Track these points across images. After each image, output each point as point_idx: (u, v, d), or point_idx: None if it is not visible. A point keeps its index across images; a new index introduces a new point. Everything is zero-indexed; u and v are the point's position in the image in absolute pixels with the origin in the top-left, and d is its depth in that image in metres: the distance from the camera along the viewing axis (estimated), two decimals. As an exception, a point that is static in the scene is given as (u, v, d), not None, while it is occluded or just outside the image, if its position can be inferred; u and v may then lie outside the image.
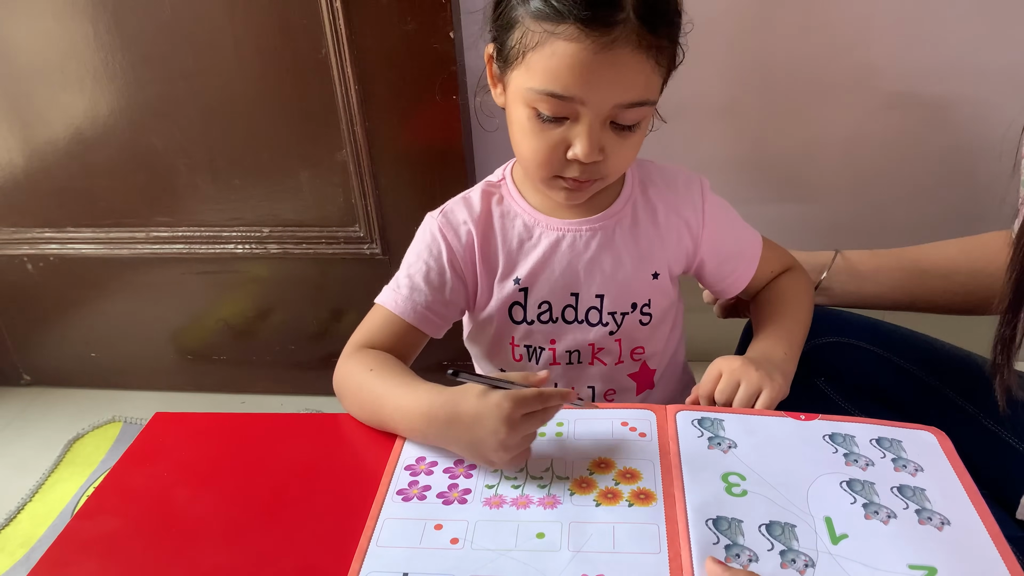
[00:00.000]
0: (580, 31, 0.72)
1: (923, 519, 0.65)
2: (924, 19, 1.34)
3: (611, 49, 0.72)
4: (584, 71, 0.73)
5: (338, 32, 1.33)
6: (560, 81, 0.74)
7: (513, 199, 0.93)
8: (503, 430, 0.69)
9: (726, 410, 0.78)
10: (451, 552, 0.65)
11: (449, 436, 0.74)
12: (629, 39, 0.72)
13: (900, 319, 1.04)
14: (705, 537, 0.63)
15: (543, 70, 0.75)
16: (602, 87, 0.75)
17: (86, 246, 1.64)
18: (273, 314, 1.70)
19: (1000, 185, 0.99)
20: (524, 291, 0.92)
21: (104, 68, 1.43)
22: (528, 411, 0.70)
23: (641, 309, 0.93)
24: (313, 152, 1.47)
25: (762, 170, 1.55)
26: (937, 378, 0.97)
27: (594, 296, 0.92)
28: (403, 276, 0.93)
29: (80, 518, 0.74)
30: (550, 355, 0.96)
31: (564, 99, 0.75)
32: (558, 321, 0.94)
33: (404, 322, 0.91)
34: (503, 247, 0.92)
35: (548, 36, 0.73)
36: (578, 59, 0.73)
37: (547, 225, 0.91)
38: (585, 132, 0.77)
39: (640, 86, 0.76)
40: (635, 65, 0.74)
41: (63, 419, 1.75)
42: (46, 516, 1.48)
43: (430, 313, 0.92)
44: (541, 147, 0.80)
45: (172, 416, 0.87)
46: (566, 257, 0.91)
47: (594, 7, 0.71)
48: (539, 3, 0.73)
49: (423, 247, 0.93)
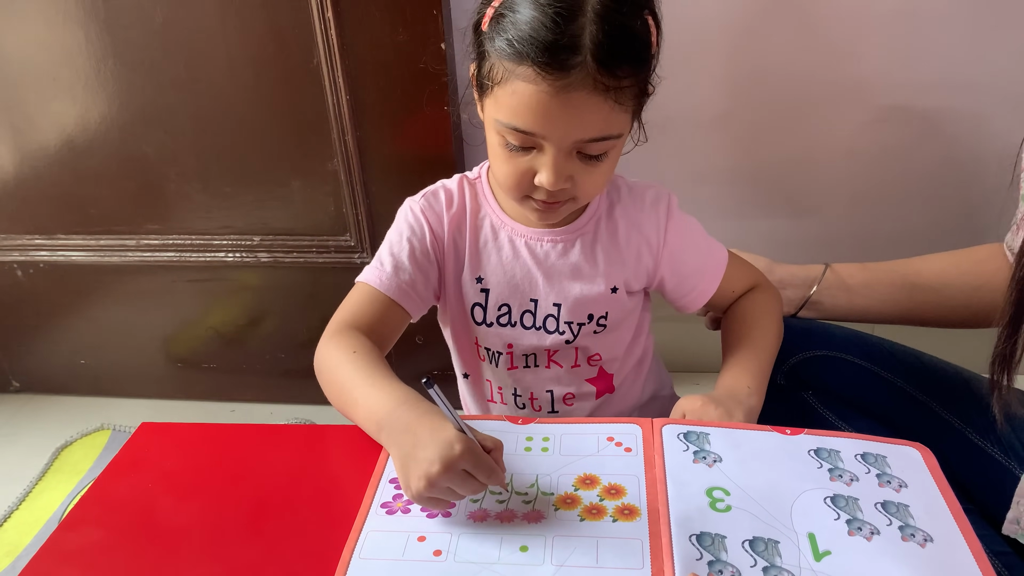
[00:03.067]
0: (537, 73, 0.73)
1: (906, 536, 0.65)
2: (917, 32, 1.35)
3: (567, 92, 0.73)
4: (542, 111, 0.75)
5: (330, 42, 1.33)
6: (520, 118, 0.76)
7: (486, 199, 0.95)
8: (437, 466, 0.66)
9: (712, 424, 0.78)
10: (434, 564, 0.65)
11: (394, 441, 0.73)
12: (585, 82, 0.73)
13: (889, 333, 1.04)
14: (688, 553, 0.63)
15: (507, 105, 0.77)
16: (560, 126, 0.76)
17: (76, 253, 1.64)
18: (264, 322, 1.70)
19: (994, 198, 0.99)
20: (485, 292, 0.94)
21: (96, 76, 1.43)
22: (471, 469, 0.67)
23: (598, 320, 0.94)
24: (304, 161, 1.47)
25: (755, 182, 1.55)
26: (924, 392, 0.97)
27: (552, 304, 0.93)
28: (386, 255, 0.94)
29: (64, 529, 0.74)
30: (507, 359, 0.97)
31: (526, 134, 0.77)
32: (516, 325, 0.95)
33: (388, 299, 0.92)
34: (470, 244, 0.94)
35: (510, 75, 0.75)
36: (536, 99, 0.74)
37: (513, 230, 0.93)
38: (550, 163, 0.78)
39: (599, 124, 0.77)
40: (592, 106, 0.75)
41: (52, 426, 1.74)
42: (33, 524, 1.47)
43: (413, 292, 0.93)
44: (511, 172, 0.82)
45: (158, 426, 0.87)
46: (527, 263, 0.93)
47: (550, 51, 0.72)
48: (502, 42, 0.75)
49: (404, 227, 0.94)
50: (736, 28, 1.38)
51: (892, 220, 1.54)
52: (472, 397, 1.06)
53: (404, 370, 1.65)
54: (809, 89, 1.42)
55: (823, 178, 1.52)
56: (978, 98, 1.39)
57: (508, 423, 0.81)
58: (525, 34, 0.73)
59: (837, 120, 1.45)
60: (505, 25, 0.74)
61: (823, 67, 1.40)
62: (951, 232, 1.44)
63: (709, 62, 1.41)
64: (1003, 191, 0.99)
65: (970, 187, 1.48)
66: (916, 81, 1.39)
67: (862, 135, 1.46)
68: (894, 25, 1.35)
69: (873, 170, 1.49)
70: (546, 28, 0.72)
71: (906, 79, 1.39)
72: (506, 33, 0.74)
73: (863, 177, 1.50)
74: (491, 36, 0.76)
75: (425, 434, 0.69)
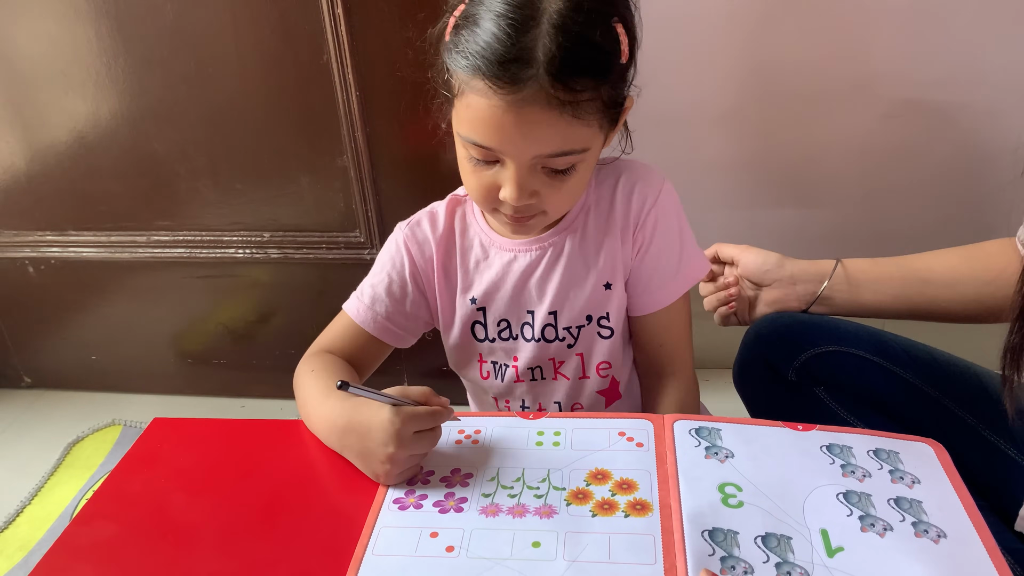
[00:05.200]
0: (489, 87, 0.71)
1: (919, 532, 0.64)
2: (928, 26, 1.34)
3: (520, 106, 0.71)
4: (496, 125, 0.73)
5: (340, 38, 1.33)
6: (477, 132, 0.75)
7: (474, 217, 0.93)
8: (392, 444, 0.71)
9: (724, 419, 0.78)
10: (446, 560, 0.65)
11: (344, 444, 0.77)
12: (538, 96, 0.70)
13: (900, 328, 1.04)
14: (701, 548, 0.63)
15: (465, 119, 0.75)
16: (515, 141, 0.74)
17: (87, 249, 1.64)
18: (273, 318, 1.70)
19: (1005, 193, 0.98)
20: (482, 310, 0.93)
21: (106, 72, 1.43)
22: (419, 428, 0.73)
23: (599, 321, 0.92)
24: (314, 157, 1.48)
25: (766, 176, 1.54)
26: (937, 388, 0.96)
27: (547, 313, 0.91)
28: (367, 286, 0.95)
29: (77, 523, 0.74)
30: (513, 372, 0.95)
31: (485, 148, 0.75)
32: (518, 338, 0.94)
33: (364, 332, 0.93)
34: (461, 265, 0.93)
35: (466, 87, 0.73)
36: (489, 114, 0.72)
37: (500, 245, 0.91)
38: (512, 178, 0.76)
39: (557, 140, 0.74)
40: (548, 121, 0.72)
41: (63, 422, 1.75)
42: (45, 519, 1.48)
43: (391, 324, 0.93)
44: (477, 185, 0.80)
45: (170, 422, 0.87)
46: (518, 277, 0.91)
47: (501, 64, 0.70)
48: (457, 55, 0.73)
49: (387, 259, 0.94)
50: (747, 22, 1.38)
51: (903, 215, 1.53)
52: (480, 409, 1.05)
53: (412, 367, 1.66)
54: (820, 84, 1.41)
55: (834, 173, 1.51)
56: (990, 93, 1.38)
57: (519, 418, 0.81)
58: (479, 47, 0.70)
59: (848, 115, 1.44)
60: (462, 36, 0.72)
61: (834, 62, 1.39)
62: (962, 227, 1.44)
63: (720, 56, 1.41)
64: (1015, 186, 0.99)
65: (981, 182, 1.47)
66: (928, 76, 1.39)
67: (873, 130, 1.45)
68: (906, 20, 1.34)
69: (884, 165, 1.49)
70: (498, 40, 0.70)
71: (918, 74, 1.39)
72: (462, 45, 0.72)
73: (874, 172, 1.50)
74: (450, 47, 0.74)
75: (364, 425, 0.73)
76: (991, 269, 0.96)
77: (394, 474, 0.73)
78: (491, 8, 0.71)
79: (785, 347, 1.00)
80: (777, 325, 1.02)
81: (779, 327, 1.01)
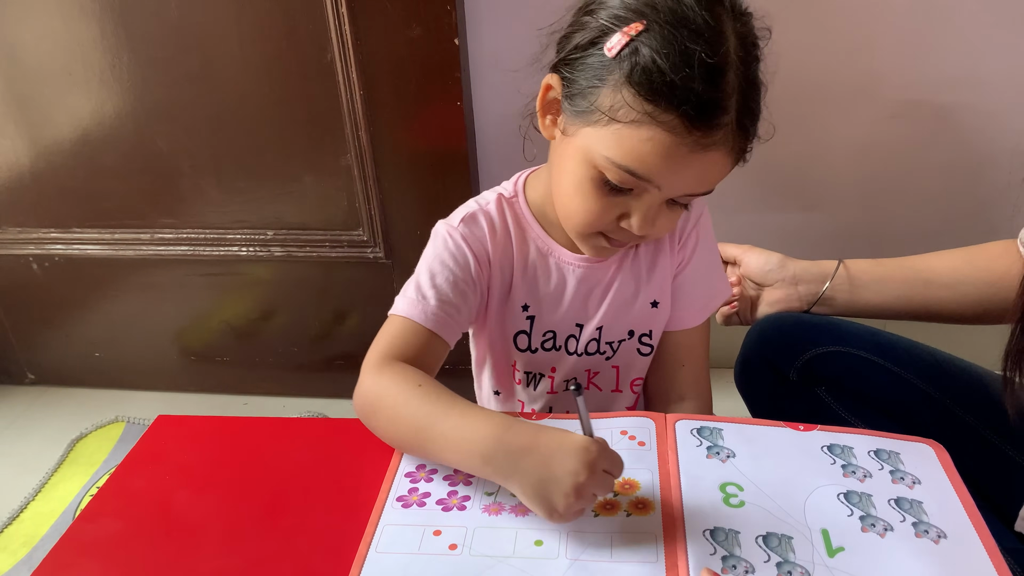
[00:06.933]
0: (683, 125, 0.67)
1: (920, 532, 0.65)
2: (931, 28, 1.34)
3: (707, 150, 0.69)
4: (674, 164, 0.69)
5: (344, 37, 1.33)
6: (644, 165, 0.70)
7: (527, 222, 0.89)
8: (584, 474, 0.63)
9: (725, 419, 0.78)
10: (450, 558, 0.65)
11: (517, 468, 0.66)
12: (726, 142, 0.69)
13: (901, 329, 1.04)
14: (702, 548, 0.63)
15: (630, 148, 0.69)
16: (685, 180, 0.72)
17: (91, 247, 1.65)
18: (276, 316, 1.70)
19: (1008, 194, 0.99)
20: (531, 319, 0.91)
21: (111, 70, 1.44)
22: (607, 468, 0.66)
23: (640, 338, 0.92)
24: (318, 156, 1.48)
25: (768, 177, 1.54)
26: (938, 389, 0.97)
27: (595, 328, 0.90)
28: (427, 286, 0.85)
29: (82, 520, 0.75)
30: (548, 383, 0.95)
31: (638, 178, 0.71)
32: (560, 350, 0.92)
33: (430, 332, 0.83)
34: (517, 270, 0.89)
35: (647, 118, 0.67)
36: (673, 152, 0.68)
37: (560, 256, 0.88)
38: (644, 209, 0.74)
39: (715, 180, 0.74)
40: (722, 165, 0.72)
41: (67, 418, 1.75)
42: (49, 515, 1.49)
43: (453, 323, 0.85)
44: (594, 209, 0.76)
45: (174, 419, 0.88)
46: (575, 289, 0.89)
47: (703, 107, 0.66)
48: (644, 78, 0.67)
49: (447, 256, 0.86)
50: (749, 23, 1.38)
51: (905, 216, 1.53)
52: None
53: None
54: (822, 84, 1.41)
55: (836, 173, 1.51)
56: (993, 94, 1.38)
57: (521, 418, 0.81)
58: (676, 80, 0.65)
59: (850, 115, 1.44)
60: (646, 60, 0.66)
61: (837, 62, 1.39)
62: (965, 228, 1.44)
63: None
64: (1017, 187, 0.99)
65: (984, 183, 1.47)
66: (930, 77, 1.39)
67: (876, 131, 1.45)
68: (909, 20, 1.34)
69: (886, 166, 1.49)
70: (703, 80, 0.65)
71: (920, 75, 1.39)
72: (651, 73, 0.66)
73: (876, 173, 1.50)
74: (622, 66, 0.68)
75: (554, 448, 0.65)
76: (994, 271, 0.96)
77: (574, 509, 0.65)
78: (680, 36, 0.66)
79: (787, 347, 1.00)
80: (779, 325, 1.02)
81: (781, 327, 1.02)
